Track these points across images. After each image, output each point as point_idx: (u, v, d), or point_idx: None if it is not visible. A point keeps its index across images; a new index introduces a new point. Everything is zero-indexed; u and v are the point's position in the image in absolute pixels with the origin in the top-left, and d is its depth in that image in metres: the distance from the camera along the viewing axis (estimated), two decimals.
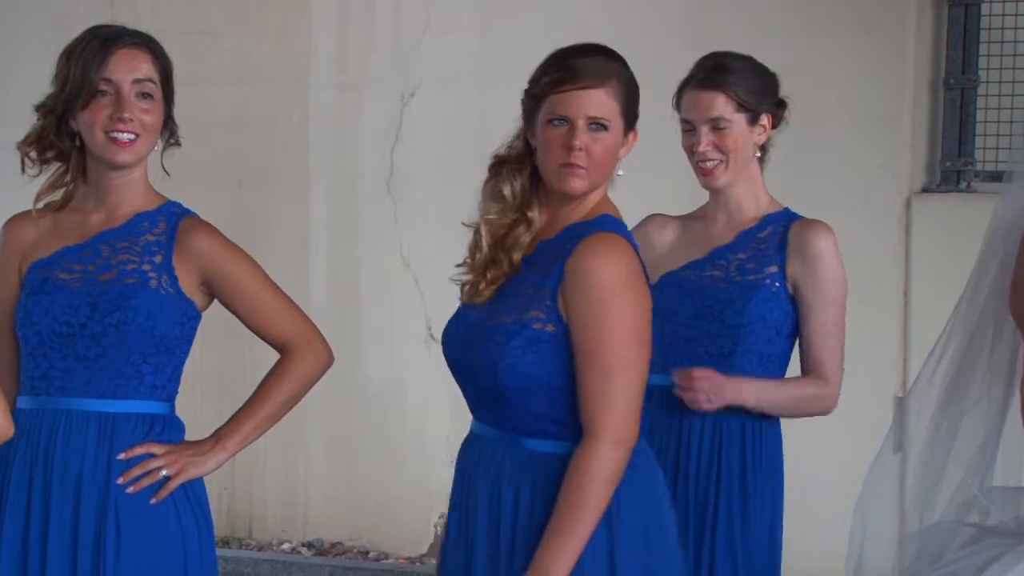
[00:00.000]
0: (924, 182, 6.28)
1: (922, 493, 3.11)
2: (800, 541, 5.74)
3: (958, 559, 2.94)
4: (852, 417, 4.92)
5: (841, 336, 3.82)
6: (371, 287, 6.72)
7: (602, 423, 3.07)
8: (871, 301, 6.17)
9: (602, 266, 3.08)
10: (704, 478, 3.80)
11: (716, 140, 3.78)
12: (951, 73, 6.20)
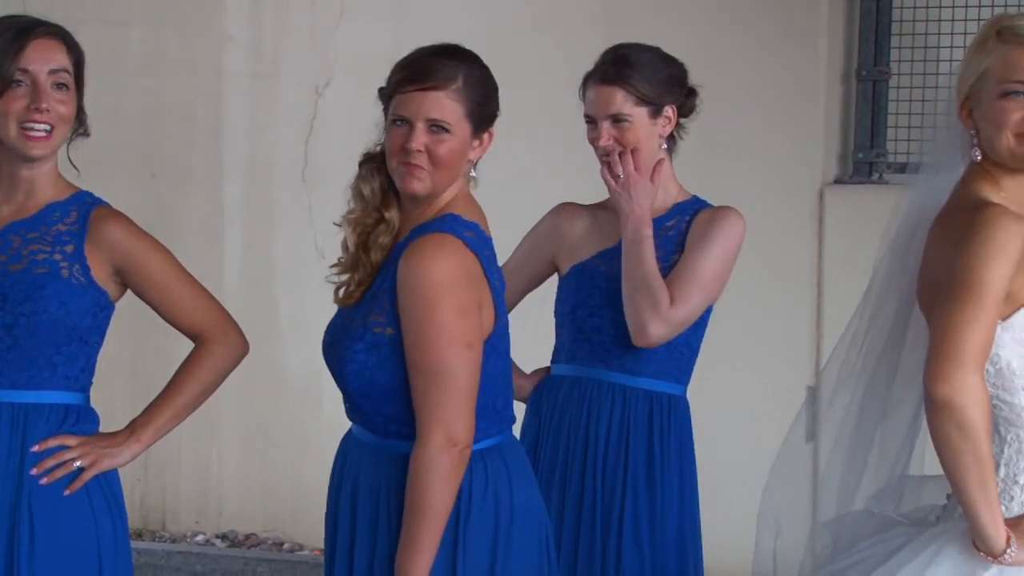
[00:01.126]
0: (837, 173, 6.32)
1: (842, 483, 3.13)
2: (713, 532, 5.78)
3: (867, 547, 2.98)
4: (767, 406, 4.96)
5: (704, 288, 3.74)
6: (286, 278, 6.69)
7: (430, 425, 3.05)
8: (785, 291, 6.21)
9: (425, 267, 3.06)
10: (611, 471, 3.81)
11: (617, 135, 3.78)
12: (863, 65, 6.24)
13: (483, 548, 3.12)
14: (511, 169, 6.10)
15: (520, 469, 3.23)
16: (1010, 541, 2.81)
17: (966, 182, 2.98)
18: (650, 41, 3.94)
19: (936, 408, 2.76)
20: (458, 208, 3.17)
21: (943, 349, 2.76)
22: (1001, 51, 2.91)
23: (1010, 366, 2.87)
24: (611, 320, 3.80)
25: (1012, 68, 2.90)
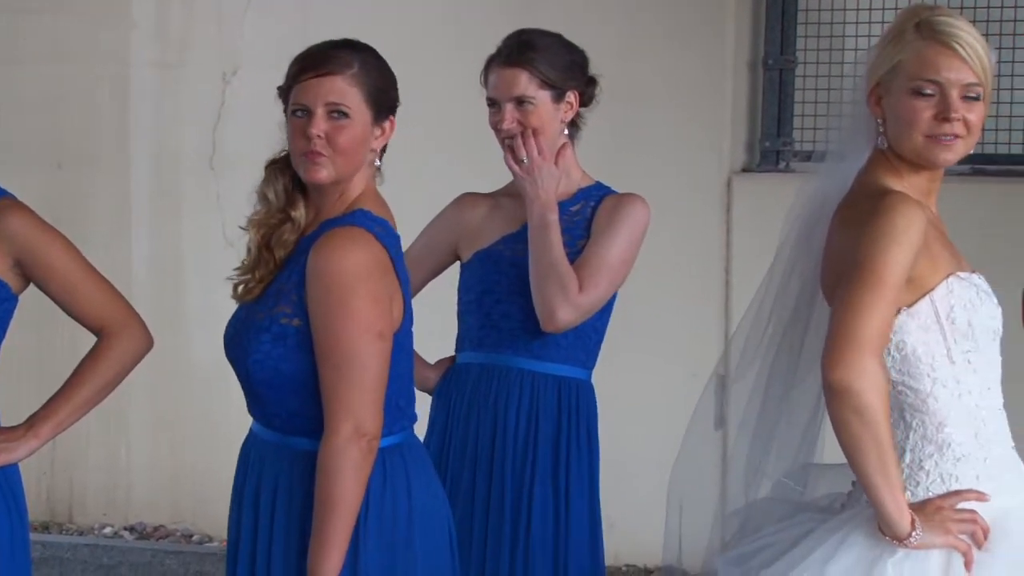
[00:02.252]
0: (744, 162, 6.36)
1: (747, 467, 3.15)
2: (622, 518, 5.81)
3: (774, 532, 3.00)
4: (676, 393, 4.98)
5: (611, 274, 3.76)
6: (194, 267, 6.65)
7: (339, 416, 3.04)
8: (694, 279, 6.25)
9: (336, 259, 3.05)
10: (520, 457, 3.81)
11: (520, 117, 3.78)
12: (770, 54, 6.28)
13: (382, 551, 3.11)
14: (424, 160, 6.10)
15: (420, 469, 3.22)
16: (915, 524, 2.83)
17: (869, 170, 3.00)
18: (560, 30, 3.94)
19: (834, 393, 2.78)
20: (367, 204, 3.17)
21: (841, 334, 2.78)
22: (917, 46, 2.92)
23: (915, 352, 2.90)
24: (519, 306, 3.80)
25: (926, 66, 2.91)
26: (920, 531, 2.83)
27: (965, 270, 2.95)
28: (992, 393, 2.95)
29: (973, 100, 2.92)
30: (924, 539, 2.84)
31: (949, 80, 2.90)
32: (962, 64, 2.90)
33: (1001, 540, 2.88)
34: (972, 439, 2.92)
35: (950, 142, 2.92)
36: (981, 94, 2.93)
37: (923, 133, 2.92)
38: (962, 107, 2.90)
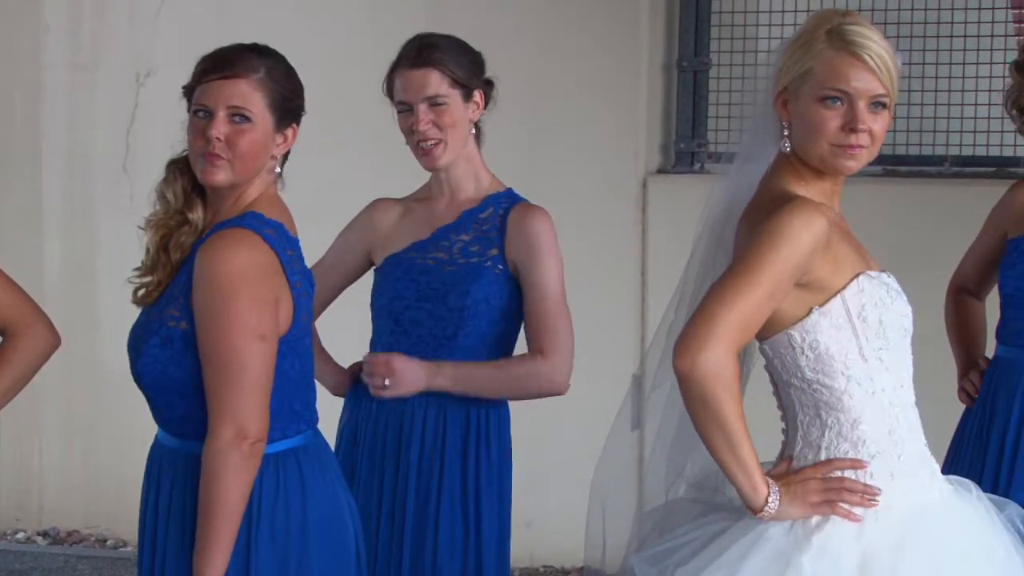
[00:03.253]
0: (659, 163, 6.39)
1: (666, 469, 3.17)
2: (541, 521, 5.82)
3: (690, 530, 3.01)
4: (593, 395, 5.00)
5: (564, 314, 3.83)
6: (107, 270, 6.59)
7: (220, 418, 3.03)
8: (610, 280, 6.27)
9: (221, 259, 3.05)
10: (427, 469, 3.81)
11: (435, 118, 3.78)
12: (684, 56, 6.31)
13: (275, 561, 3.10)
14: (339, 162, 6.09)
15: (319, 475, 3.20)
16: (768, 498, 2.87)
17: (774, 172, 3.02)
18: (475, 33, 3.95)
19: (680, 380, 2.84)
20: (262, 207, 3.16)
21: (693, 324, 2.83)
22: (827, 55, 2.92)
23: (829, 351, 2.92)
24: (427, 312, 3.81)
25: (835, 75, 2.92)
26: (774, 502, 2.87)
27: (874, 269, 2.98)
28: (905, 390, 2.98)
29: (879, 110, 2.94)
30: (780, 511, 2.89)
31: (857, 91, 2.92)
32: (870, 75, 2.92)
33: (919, 536, 2.91)
34: (886, 436, 2.95)
35: (855, 152, 2.94)
36: (887, 103, 2.95)
37: (829, 142, 2.94)
38: (868, 118, 2.93)
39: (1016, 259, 3.74)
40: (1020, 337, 3.72)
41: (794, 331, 2.92)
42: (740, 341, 2.86)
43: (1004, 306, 3.78)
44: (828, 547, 2.87)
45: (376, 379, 3.75)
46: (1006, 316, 3.76)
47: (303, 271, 3.20)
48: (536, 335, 3.80)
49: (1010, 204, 3.88)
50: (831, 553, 2.86)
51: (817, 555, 2.86)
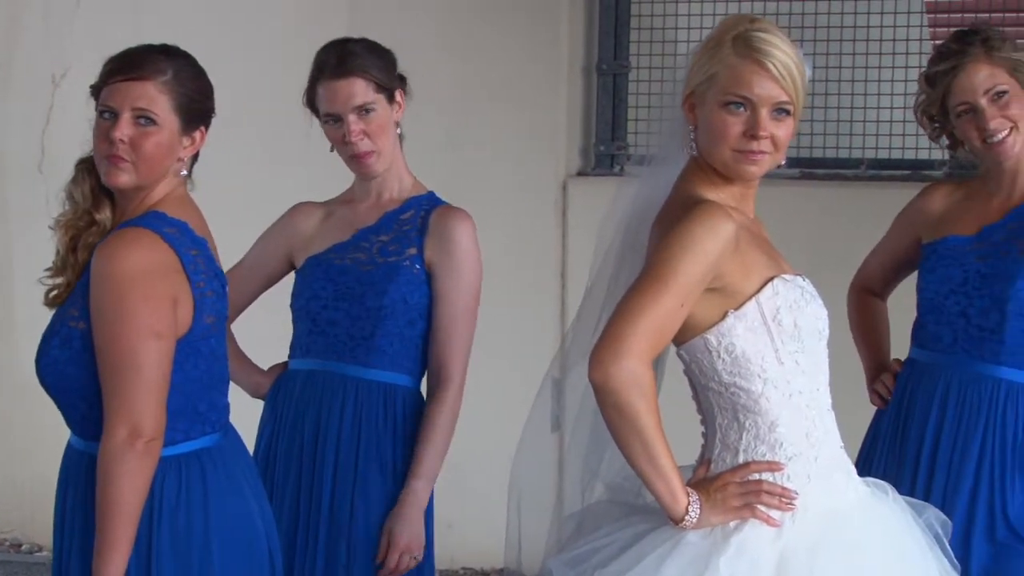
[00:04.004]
0: (579, 165, 6.41)
1: (583, 471, 3.17)
2: (461, 523, 5.82)
3: (612, 531, 3.02)
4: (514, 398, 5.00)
5: (469, 327, 3.84)
6: (23, 274, 6.52)
7: (115, 417, 3.01)
8: (530, 282, 6.28)
9: (116, 258, 3.04)
10: (344, 465, 3.80)
11: (365, 127, 3.77)
12: (603, 59, 6.33)
13: (177, 565, 3.08)
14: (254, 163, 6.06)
15: (224, 478, 3.19)
16: (688, 508, 2.88)
17: (685, 176, 3.04)
18: (394, 35, 3.95)
19: (596, 391, 2.84)
20: (166, 207, 3.15)
21: (606, 335, 2.84)
22: (732, 61, 2.94)
23: (745, 354, 2.94)
24: (345, 312, 3.81)
25: (738, 81, 2.93)
26: (695, 513, 2.88)
27: (788, 273, 3.00)
28: (821, 393, 3.00)
29: (783, 117, 2.96)
30: (701, 519, 2.90)
31: (760, 97, 2.93)
32: (773, 82, 2.93)
33: (836, 537, 2.93)
34: (803, 439, 2.96)
35: (757, 157, 2.95)
36: (791, 110, 2.96)
37: (731, 147, 2.95)
38: (771, 124, 2.94)
39: (935, 263, 3.77)
40: (938, 341, 3.74)
41: (710, 335, 2.93)
42: (654, 349, 2.87)
43: (922, 310, 3.80)
44: (746, 548, 2.88)
45: (405, 561, 3.76)
46: (923, 320, 3.79)
47: (211, 271, 3.18)
48: (441, 355, 3.81)
49: (923, 208, 3.90)
50: (749, 554, 2.88)
51: (735, 557, 2.87)
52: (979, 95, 3.64)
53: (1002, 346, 3.66)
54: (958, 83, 3.67)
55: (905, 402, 3.78)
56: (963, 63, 3.66)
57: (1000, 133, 3.64)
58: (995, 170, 3.76)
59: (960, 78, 3.67)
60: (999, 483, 3.65)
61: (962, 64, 3.66)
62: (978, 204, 3.80)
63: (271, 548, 3.25)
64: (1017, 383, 3.67)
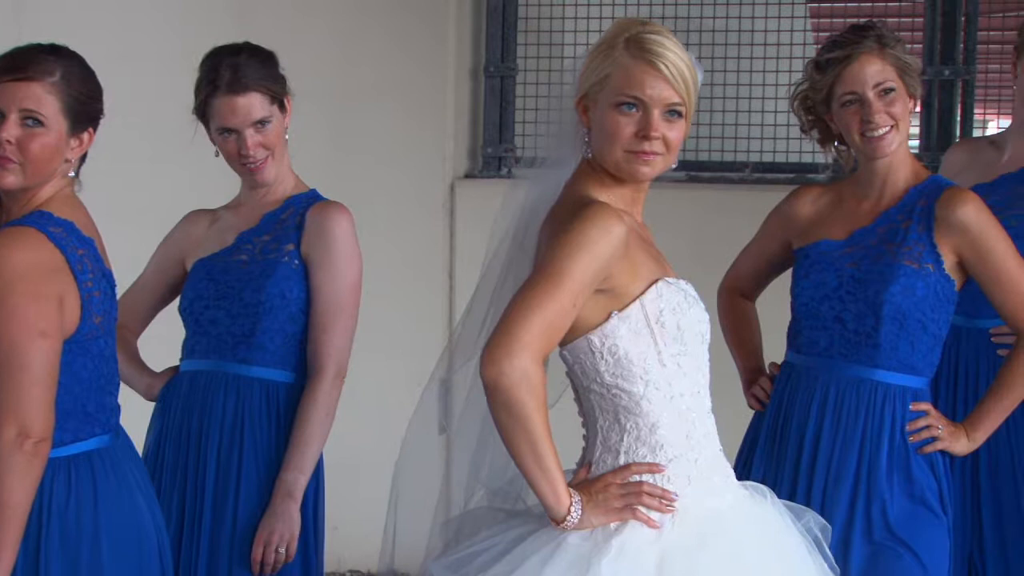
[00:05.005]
0: (467, 168, 6.41)
1: (468, 474, 3.18)
2: (347, 525, 5.81)
3: (494, 534, 3.02)
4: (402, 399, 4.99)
5: (345, 320, 3.85)
6: None
7: (2, 419, 2.99)
8: (417, 284, 6.28)
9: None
10: (225, 463, 3.81)
11: (262, 139, 3.80)
12: (491, 61, 6.35)
13: (66, 567, 3.06)
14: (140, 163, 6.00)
15: (115, 479, 3.17)
16: (571, 508, 2.89)
17: (576, 178, 3.05)
18: (283, 36, 3.95)
19: (487, 390, 2.84)
20: (53, 207, 3.13)
21: (499, 332, 2.83)
22: (624, 62, 2.95)
23: (628, 356, 2.95)
24: (225, 311, 3.84)
25: (631, 82, 2.95)
26: (576, 514, 2.89)
27: (671, 276, 3.02)
28: (701, 396, 3.02)
29: (675, 118, 2.98)
30: (583, 520, 2.91)
31: (652, 98, 2.95)
32: (666, 84, 2.95)
33: (715, 539, 2.94)
34: (684, 440, 2.98)
35: (649, 158, 2.97)
36: (683, 112, 2.99)
37: (624, 148, 2.96)
38: (663, 125, 2.96)
39: (808, 269, 3.79)
40: (814, 345, 3.77)
41: (594, 336, 2.94)
42: (546, 349, 2.88)
43: (797, 315, 3.82)
44: (626, 550, 2.89)
45: (272, 555, 3.75)
46: (800, 325, 3.81)
47: (99, 271, 3.16)
48: (316, 349, 3.82)
49: (791, 212, 3.92)
50: (629, 556, 2.89)
51: (616, 558, 2.88)
52: (868, 87, 3.66)
53: (878, 350, 3.69)
54: (849, 72, 3.68)
55: (783, 406, 3.80)
56: (857, 53, 3.68)
57: (881, 129, 3.67)
58: (867, 170, 3.79)
59: (852, 68, 3.68)
60: (877, 485, 3.68)
61: (855, 54, 3.68)
62: (848, 207, 3.82)
63: (161, 549, 3.24)
64: (894, 385, 3.70)
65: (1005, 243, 3.68)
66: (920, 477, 3.69)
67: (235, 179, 3.96)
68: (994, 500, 4.12)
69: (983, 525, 4.13)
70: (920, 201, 3.72)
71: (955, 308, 4.04)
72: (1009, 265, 3.67)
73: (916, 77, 3.73)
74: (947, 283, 3.69)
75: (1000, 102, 7.39)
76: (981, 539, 4.13)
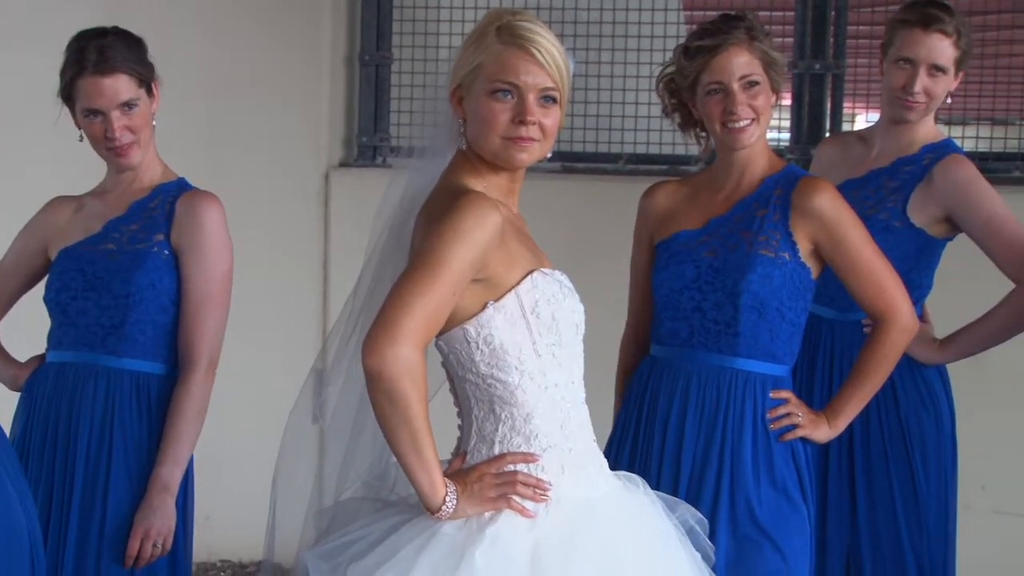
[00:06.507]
0: (342, 156, 6.40)
1: (342, 465, 3.17)
2: (219, 515, 5.77)
3: (367, 524, 3.02)
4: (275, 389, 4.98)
5: (216, 311, 3.84)
6: None
7: None
8: (292, 273, 6.25)
9: None
10: (95, 454, 3.79)
11: (128, 122, 3.78)
12: (366, 49, 6.34)
13: None
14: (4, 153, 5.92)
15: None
16: (446, 498, 2.90)
17: (452, 168, 3.06)
18: (155, 25, 3.91)
19: (368, 379, 2.84)
20: None
21: (380, 322, 2.83)
22: (497, 49, 2.97)
23: (503, 346, 2.96)
24: (94, 302, 3.81)
25: (505, 69, 2.96)
26: (452, 503, 2.90)
27: (547, 267, 3.04)
28: (576, 387, 3.04)
29: (549, 104, 3.00)
30: (458, 510, 2.92)
31: (526, 84, 2.97)
32: (539, 69, 2.97)
33: (589, 528, 2.96)
34: (558, 430, 3.00)
35: (526, 144, 2.99)
36: (558, 98, 3.01)
37: (500, 135, 2.98)
38: (538, 111, 2.98)
39: (667, 260, 3.82)
40: (675, 337, 3.79)
41: (469, 326, 2.95)
42: (427, 338, 2.88)
43: (658, 307, 3.85)
44: (500, 539, 2.90)
45: (149, 549, 3.74)
46: (661, 317, 3.84)
47: None
48: (180, 333, 3.81)
49: (647, 210, 3.94)
50: (503, 545, 2.90)
51: (490, 547, 2.89)
52: (734, 79, 3.70)
53: (738, 338, 3.73)
54: (717, 62, 3.71)
55: (648, 398, 3.83)
56: (726, 43, 3.71)
57: (743, 121, 3.71)
58: (725, 160, 3.83)
59: (720, 58, 3.71)
60: (742, 475, 3.71)
61: (725, 44, 3.70)
62: (705, 198, 3.85)
63: (32, 541, 3.20)
64: (755, 373, 3.74)
65: (860, 231, 3.73)
66: (781, 466, 3.73)
67: (98, 165, 3.92)
68: (868, 495, 4.19)
69: (858, 521, 4.20)
70: (776, 190, 3.76)
71: (830, 302, 4.10)
72: (864, 253, 3.72)
73: (781, 72, 3.78)
74: (803, 271, 3.74)
75: (869, 96, 7.50)
76: (857, 534, 4.20)
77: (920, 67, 4.12)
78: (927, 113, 4.20)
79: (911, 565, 4.18)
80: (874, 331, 3.79)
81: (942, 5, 4.15)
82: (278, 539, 3.24)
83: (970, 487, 4.95)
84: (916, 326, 3.82)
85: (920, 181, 4.15)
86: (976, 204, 4.10)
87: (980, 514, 5.77)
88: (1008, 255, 4.09)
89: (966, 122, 6.33)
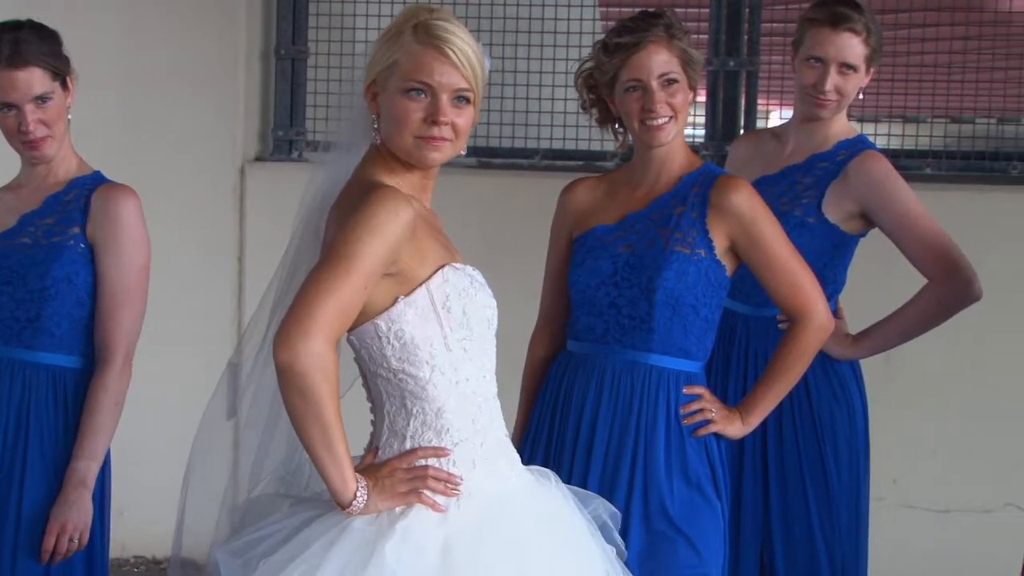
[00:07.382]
0: (257, 150, 6.38)
1: (256, 460, 3.17)
2: (132, 511, 5.74)
3: (279, 519, 3.02)
4: (188, 383, 4.96)
5: (133, 305, 3.82)
6: None
7: None
8: (207, 268, 6.23)
9: None
10: (10, 452, 3.77)
11: (42, 116, 3.76)
12: (282, 43, 6.32)
13: None
14: None
15: None
16: (356, 493, 2.90)
17: (365, 164, 3.06)
18: (71, 18, 3.89)
19: (280, 373, 2.83)
20: None
21: (292, 315, 2.83)
22: (412, 48, 2.97)
23: (414, 340, 2.96)
24: (9, 296, 3.79)
25: (419, 68, 2.97)
26: (362, 498, 2.90)
27: (459, 262, 3.05)
28: (488, 381, 3.04)
29: (463, 104, 3.01)
30: (369, 504, 2.92)
31: (440, 84, 2.98)
32: (453, 69, 2.98)
33: (500, 522, 2.97)
34: (469, 425, 3.01)
35: (438, 144, 3.00)
36: (471, 98, 3.02)
37: (413, 134, 2.99)
38: (451, 111, 2.98)
39: (584, 256, 3.82)
40: (591, 332, 3.80)
41: (380, 320, 2.95)
42: (339, 332, 2.88)
43: (574, 303, 3.86)
44: (411, 534, 2.90)
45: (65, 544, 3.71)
46: (576, 312, 3.85)
47: None
48: (96, 328, 3.80)
49: (568, 207, 3.95)
50: (414, 539, 2.90)
51: (400, 542, 2.89)
52: (652, 77, 3.71)
53: (652, 334, 3.74)
54: (636, 59, 3.72)
55: (563, 394, 3.84)
56: (645, 41, 3.72)
57: (661, 118, 3.73)
58: (643, 157, 3.84)
59: (639, 55, 3.72)
60: (655, 471, 3.73)
61: (643, 42, 3.72)
62: (623, 194, 3.86)
63: None
64: (669, 369, 3.76)
65: (776, 229, 3.76)
66: (695, 462, 3.75)
67: (14, 159, 3.90)
68: (781, 489, 4.22)
69: (771, 514, 4.23)
70: (694, 188, 3.78)
71: (746, 298, 4.13)
72: (780, 251, 3.75)
73: (698, 70, 3.80)
74: (718, 268, 3.76)
75: (783, 93, 7.55)
76: (770, 527, 4.23)
77: (830, 65, 4.15)
78: (839, 110, 4.24)
79: (823, 558, 4.22)
80: (790, 329, 3.82)
81: (852, 3, 4.17)
82: (190, 534, 3.23)
83: (882, 481, 5.00)
84: (831, 325, 3.85)
85: (835, 177, 4.19)
86: (891, 200, 4.15)
87: (892, 508, 5.84)
88: (921, 251, 4.13)
89: (878, 119, 6.41)
